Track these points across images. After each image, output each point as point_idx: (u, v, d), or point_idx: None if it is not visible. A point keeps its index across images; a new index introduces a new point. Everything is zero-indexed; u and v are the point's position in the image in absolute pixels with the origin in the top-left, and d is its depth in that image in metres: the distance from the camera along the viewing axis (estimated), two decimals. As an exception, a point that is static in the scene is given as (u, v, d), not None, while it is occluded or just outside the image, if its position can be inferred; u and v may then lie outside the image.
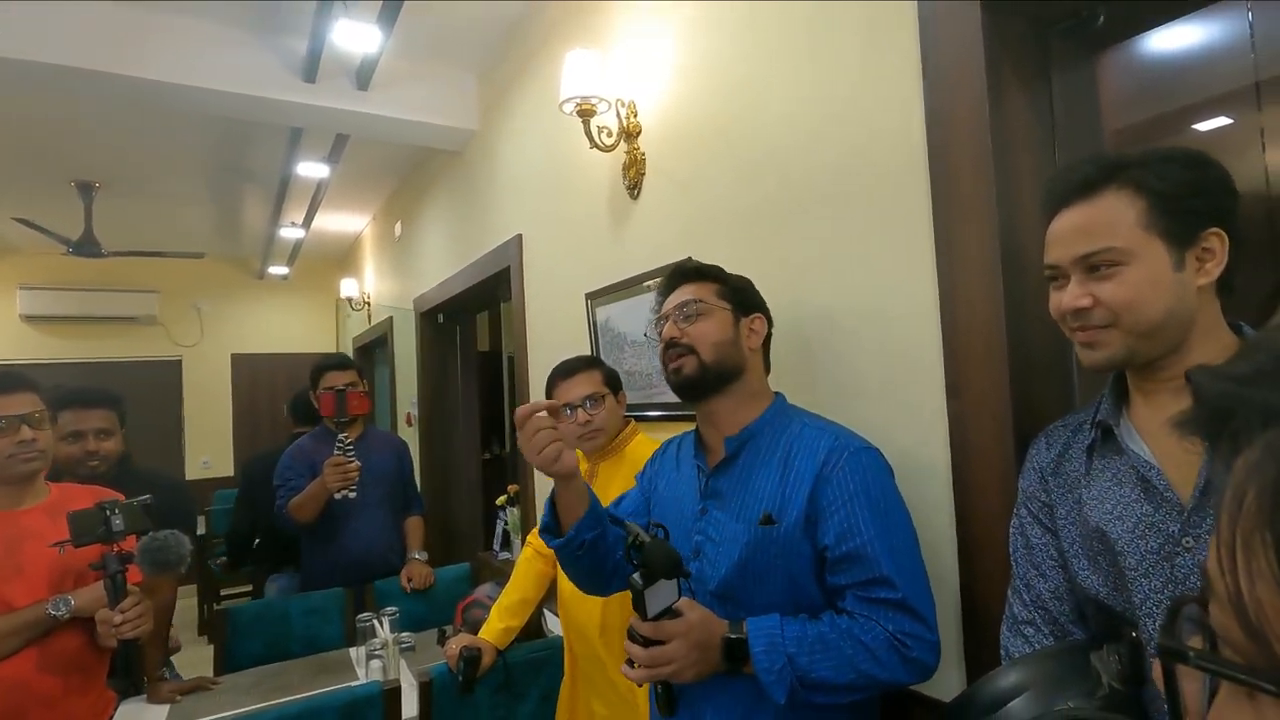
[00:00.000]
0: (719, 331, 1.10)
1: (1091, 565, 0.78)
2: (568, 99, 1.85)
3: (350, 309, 5.71)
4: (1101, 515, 0.77)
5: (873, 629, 0.93)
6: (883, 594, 0.94)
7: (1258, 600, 0.25)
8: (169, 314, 5.97)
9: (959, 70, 1.09)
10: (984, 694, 0.80)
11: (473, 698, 1.72)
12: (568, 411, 1.58)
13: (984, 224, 1.06)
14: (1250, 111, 0.95)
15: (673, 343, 1.11)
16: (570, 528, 1.05)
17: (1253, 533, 0.25)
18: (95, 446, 1.88)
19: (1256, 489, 0.26)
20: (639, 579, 0.89)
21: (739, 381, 1.11)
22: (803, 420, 1.09)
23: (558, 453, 0.99)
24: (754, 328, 1.15)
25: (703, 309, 1.11)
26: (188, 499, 2.30)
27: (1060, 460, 0.85)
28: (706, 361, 1.08)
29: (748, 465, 1.07)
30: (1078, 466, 0.83)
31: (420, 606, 2.48)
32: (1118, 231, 0.73)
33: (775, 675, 0.91)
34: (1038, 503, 0.87)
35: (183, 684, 1.95)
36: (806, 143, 1.38)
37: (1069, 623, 0.83)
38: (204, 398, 6.08)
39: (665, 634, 0.91)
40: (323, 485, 2.26)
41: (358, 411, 2.37)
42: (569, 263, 2.36)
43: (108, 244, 4.33)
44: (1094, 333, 0.75)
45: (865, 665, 0.91)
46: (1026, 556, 0.87)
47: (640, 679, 0.94)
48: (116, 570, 1.39)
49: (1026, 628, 0.85)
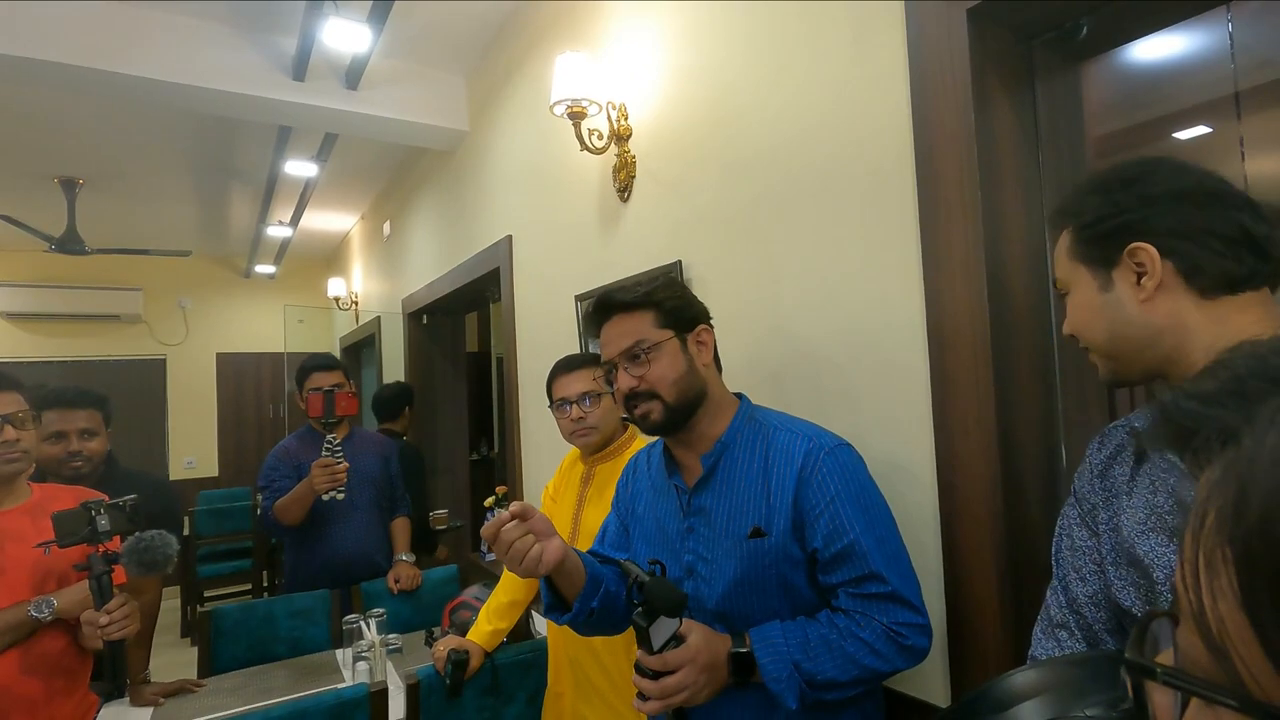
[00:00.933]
0: (673, 367, 1.06)
1: (1128, 576, 0.75)
2: (559, 101, 1.85)
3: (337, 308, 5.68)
4: (1134, 526, 0.74)
5: (870, 624, 0.95)
6: (875, 589, 0.96)
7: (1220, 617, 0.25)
8: (153, 312, 5.91)
9: (945, 78, 1.10)
10: (997, 691, 0.76)
11: (460, 700, 1.71)
12: (564, 407, 1.59)
13: (969, 230, 1.07)
14: (1230, 121, 0.97)
15: (633, 393, 1.07)
16: (575, 601, 1.05)
17: (1214, 550, 0.26)
18: (79, 447, 1.86)
19: (1217, 507, 0.26)
20: (642, 618, 0.90)
21: (704, 403, 1.09)
22: (772, 423, 1.08)
23: (539, 554, 0.97)
24: (701, 340, 1.11)
25: (650, 348, 1.06)
26: (173, 499, 2.28)
27: (1110, 462, 0.81)
28: (671, 403, 1.06)
29: (727, 478, 1.07)
30: (1124, 471, 0.78)
31: (407, 608, 2.47)
32: (1060, 265, 0.79)
33: (784, 683, 0.93)
34: (1087, 504, 0.82)
35: (166, 686, 1.93)
36: (795, 147, 1.39)
37: (1104, 631, 0.78)
38: (188, 397, 6.02)
39: (673, 664, 0.92)
40: (310, 486, 2.24)
41: (346, 413, 2.35)
42: (559, 264, 2.36)
43: (91, 241, 4.28)
44: (1090, 354, 0.79)
45: (867, 660, 0.94)
46: (1069, 558, 0.83)
47: (655, 711, 0.93)
48: (102, 571, 1.38)
49: (1060, 631, 0.82)
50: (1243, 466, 0.25)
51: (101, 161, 3.86)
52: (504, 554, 0.96)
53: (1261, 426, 0.26)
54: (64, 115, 3.24)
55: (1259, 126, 0.94)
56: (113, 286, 5.66)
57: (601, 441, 1.62)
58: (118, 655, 1.40)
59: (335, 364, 2.52)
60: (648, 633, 0.89)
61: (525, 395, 2.68)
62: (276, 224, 4.86)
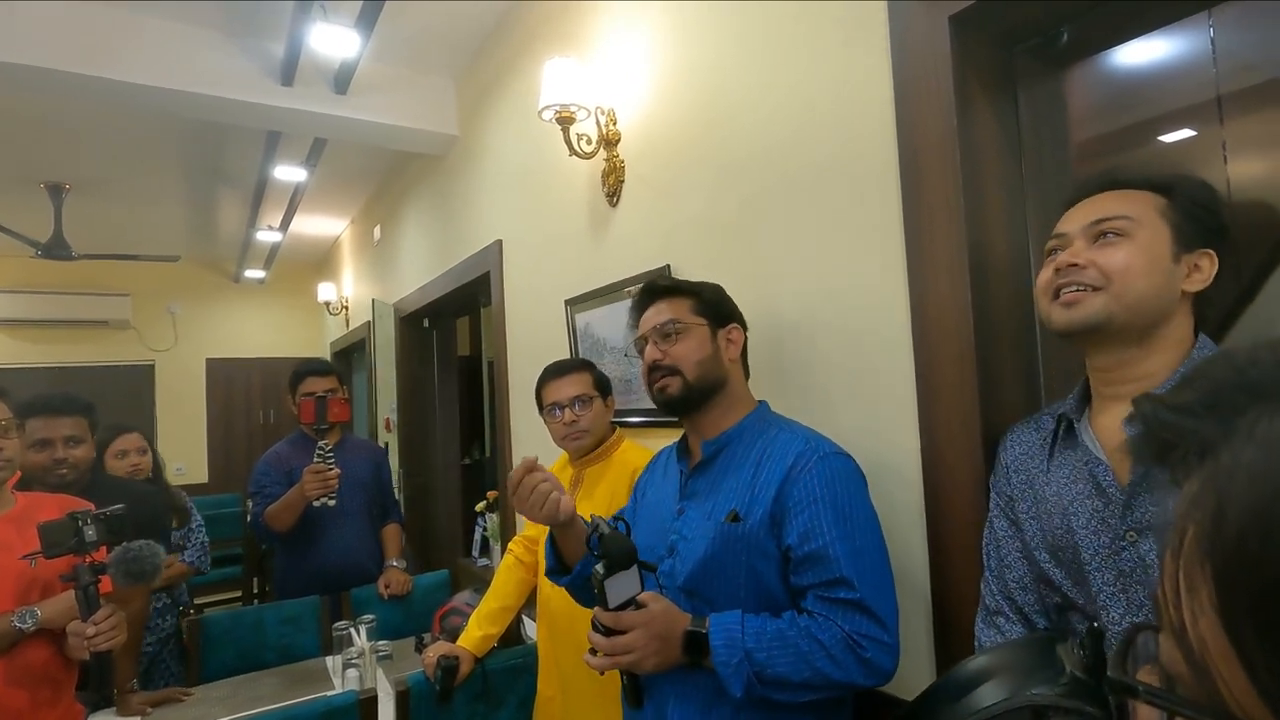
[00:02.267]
0: (699, 350, 1.13)
1: (1053, 558, 0.81)
2: (547, 106, 1.85)
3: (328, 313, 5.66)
4: (1061, 509, 0.80)
5: (829, 628, 0.95)
6: (842, 594, 0.96)
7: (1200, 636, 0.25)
8: (142, 318, 5.87)
9: (928, 83, 1.11)
10: (951, 682, 0.82)
11: (450, 706, 1.71)
12: (556, 411, 1.58)
13: (953, 232, 1.08)
14: (1212, 124, 0.98)
15: (656, 365, 1.14)
16: (576, 564, 1.13)
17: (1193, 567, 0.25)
18: (64, 454, 1.84)
19: (1196, 524, 0.26)
20: (600, 569, 0.93)
21: (722, 393, 1.14)
22: (779, 426, 1.12)
23: (556, 502, 1.05)
24: (731, 338, 1.17)
25: (681, 328, 1.13)
26: (161, 507, 2.26)
27: (1023, 457, 0.89)
28: (690, 381, 1.12)
29: (723, 468, 1.11)
30: (1038, 463, 0.86)
31: (398, 615, 2.46)
32: (1136, 208, 0.79)
33: (732, 669, 0.93)
34: (1004, 496, 0.90)
35: (153, 695, 1.91)
36: (783, 151, 1.40)
37: (1034, 613, 0.86)
38: (178, 403, 5.98)
39: (625, 624, 0.95)
40: (301, 493, 2.23)
41: (338, 419, 2.34)
42: (549, 268, 2.36)
43: (78, 246, 4.25)
44: (1079, 293, 0.78)
45: (820, 663, 0.93)
46: (994, 549, 0.91)
47: (600, 666, 0.97)
48: (89, 582, 1.36)
49: (998, 618, 0.89)
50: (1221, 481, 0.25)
51: (89, 166, 3.83)
52: (526, 499, 1.04)
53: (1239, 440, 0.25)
54: (51, 120, 3.21)
55: (1241, 130, 0.95)
56: (101, 292, 5.62)
57: (593, 444, 1.62)
58: (105, 666, 1.38)
59: (329, 369, 2.51)
60: (604, 586, 0.92)
61: (516, 399, 2.67)
62: (266, 229, 4.84)
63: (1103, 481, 0.76)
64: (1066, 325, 0.80)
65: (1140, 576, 0.72)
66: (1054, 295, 0.81)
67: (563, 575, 1.18)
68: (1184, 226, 0.77)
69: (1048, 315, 0.83)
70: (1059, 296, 0.80)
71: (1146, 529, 0.71)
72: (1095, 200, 0.82)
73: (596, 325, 2.06)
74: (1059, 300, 0.80)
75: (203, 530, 2.61)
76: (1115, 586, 0.73)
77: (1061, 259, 0.80)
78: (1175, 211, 0.78)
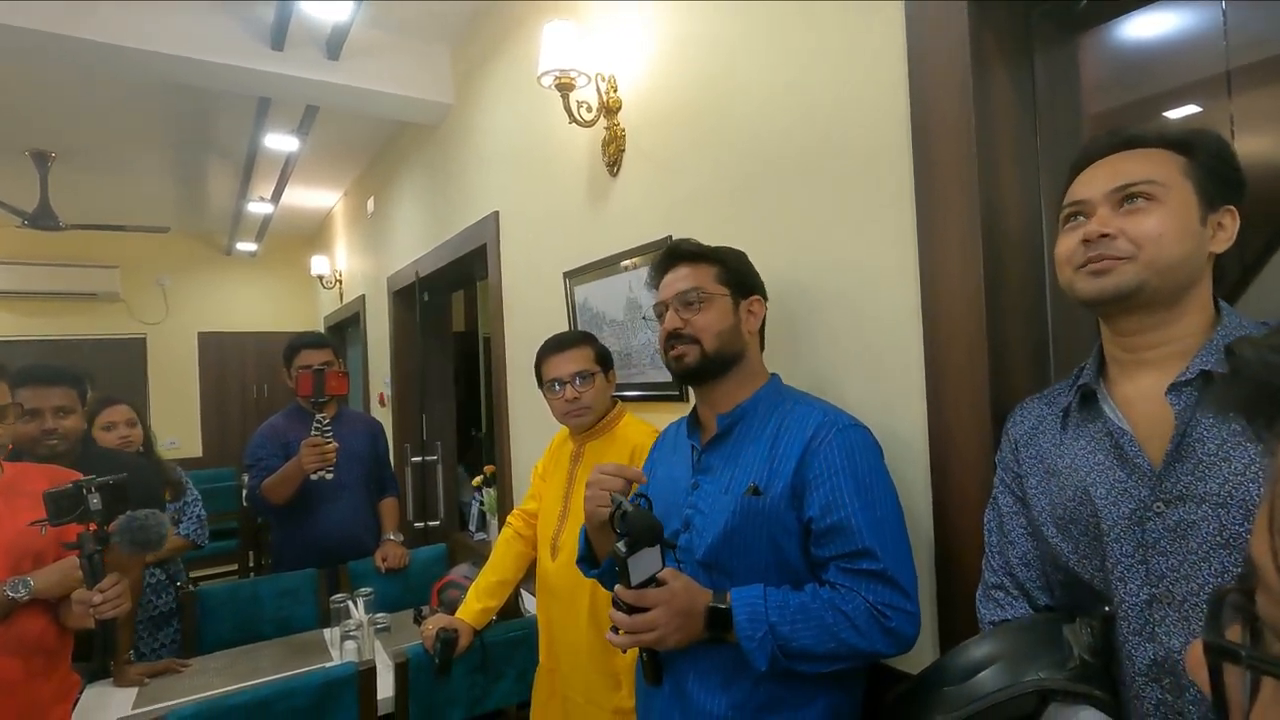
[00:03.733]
0: (721, 320, 1.11)
1: (1062, 533, 0.80)
2: (546, 71, 1.80)
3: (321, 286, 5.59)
4: (1076, 481, 0.79)
5: (853, 599, 0.95)
6: (865, 565, 0.96)
7: None
8: (132, 290, 5.79)
9: (943, 49, 1.08)
10: (956, 663, 0.82)
11: (449, 678, 1.71)
12: (556, 388, 1.56)
13: (966, 204, 1.06)
14: (1221, 99, 0.96)
15: (676, 333, 1.12)
16: (606, 557, 1.13)
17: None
18: (54, 425, 1.81)
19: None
20: (622, 547, 0.91)
21: (738, 365, 1.13)
22: (795, 398, 1.11)
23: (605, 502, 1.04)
24: (752, 309, 1.15)
25: (704, 297, 1.11)
26: (153, 480, 2.24)
27: (1033, 432, 0.87)
28: (709, 352, 1.10)
29: (739, 441, 1.10)
30: (1051, 437, 0.85)
31: (395, 587, 2.46)
32: (1160, 170, 0.76)
33: (757, 643, 0.92)
34: (1010, 473, 0.89)
35: (151, 666, 1.91)
36: (790, 120, 1.36)
37: (1035, 589, 0.85)
38: (170, 377, 5.92)
39: (648, 601, 0.93)
40: (299, 466, 2.22)
41: (336, 391, 2.32)
42: (547, 241, 2.32)
43: (65, 217, 4.17)
44: (1110, 262, 0.75)
45: (845, 634, 0.93)
46: (997, 524, 0.90)
47: (624, 644, 0.96)
48: (94, 550, 1.36)
49: (997, 592, 0.88)
50: None
51: (75, 134, 3.74)
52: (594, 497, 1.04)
53: None
54: (34, 86, 3.12)
55: (1249, 105, 0.94)
56: (89, 264, 5.53)
57: (594, 420, 1.60)
58: (109, 634, 1.38)
59: (325, 342, 2.49)
60: (627, 563, 0.92)
61: (514, 373, 2.65)
62: (257, 200, 4.76)
63: (1128, 451, 0.74)
64: (1097, 294, 0.76)
65: (1165, 547, 0.70)
66: (1080, 265, 0.78)
67: (592, 567, 1.18)
68: (1207, 185, 0.75)
69: (1070, 284, 0.80)
70: (1085, 266, 0.77)
71: (1180, 499, 0.70)
72: (1112, 162, 0.79)
73: (596, 299, 2.03)
74: (1085, 269, 0.77)
75: (199, 504, 2.60)
76: (1134, 558, 0.72)
77: (1090, 229, 0.76)
78: (1197, 170, 0.75)
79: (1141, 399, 0.76)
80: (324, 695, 1.52)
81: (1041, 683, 0.74)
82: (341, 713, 1.55)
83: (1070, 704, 0.73)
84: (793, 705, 1.01)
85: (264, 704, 1.45)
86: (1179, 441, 0.70)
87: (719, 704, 1.03)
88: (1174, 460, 0.70)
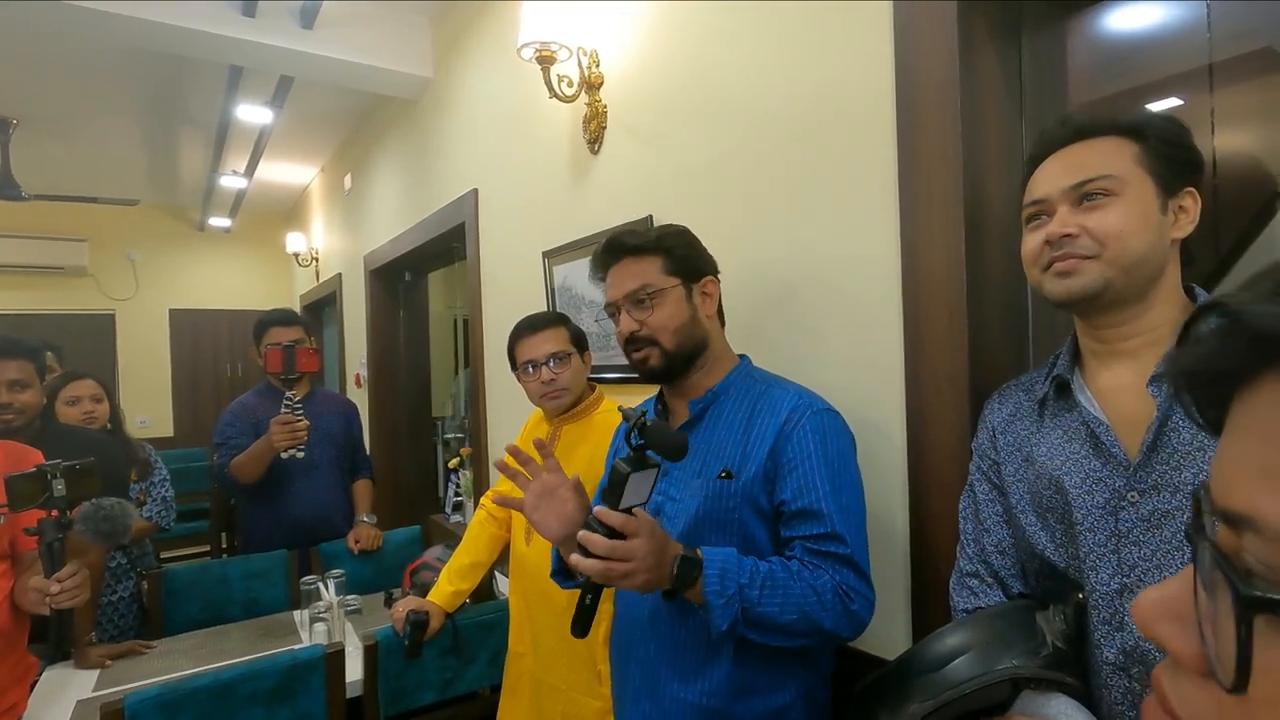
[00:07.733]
0: (676, 315, 1.07)
1: (1040, 521, 0.79)
2: (527, 44, 1.75)
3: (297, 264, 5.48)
4: (1051, 470, 0.78)
5: (820, 575, 0.94)
6: (833, 548, 0.95)
7: None
8: (100, 264, 5.63)
9: (930, 25, 1.06)
10: (929, 651, 0.81)
11: (420, 661, 1.69)
12: (530, 370, 1.53)
13: (948, 184, 1.04)
14: (1202, 93, 0.96)
15: (633, 336, 1.08)
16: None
17: None
18: (9, 399, 1.74)
19: None
20: (625, 464, 0.84)
21: (704, 354, 1.10)
22: (768, 381, 1.09)
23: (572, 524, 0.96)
24: (707, 291, 1.12)
25: (654, 293, 1.07)
26: (118, 458, 2.17)
27: (1011, 419, 0.87)
28: (670, 349, 1.07)
29: (711, 425, 1.08)
30: (1028, 425, 0.84)
31: (368, 569, 2.43)
32: (1114, 164, 0.74)
33: (724, 601, 0.89)
34: (987, 460, 0.89)
35: (113, 648, 1.86)
36: (772, 98, 1.34)
37: (1010, 577, 0.85)
38: (140, 354, 5.78)
39: (632, 529, 0.85)
40: (268, 444, 2.16)
41: (307, 369, 2.26)
42: (526, 219, 2.28)
43: (29, 187, 4.03)
44: (1075, 261, 0.75)
45: (810, 608, 0.92)
46: (973, 511, 0.90)
47: (594, 571, 0.85)
48: (54, 538, 1.31)
49: (971, 580, 0.88)
50: None
51: (38, 101, 3.60)
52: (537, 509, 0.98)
53: None
54: (-8, 47, 3.00)
55: (1229, 100, 0.94)
56: (55, 236, 5.36)
57: (572, 402, 1.57)
58: (64, 622, 1.34)
59: (295, 319, 2.42)
60: (627, 481, 0.84)
61: (490, 354, 2.61)
62: (230, 174, 4.64)
63: (1105, 441, 0.74)
64: (1065, 295, 0.76)
65: (1137, 537, 0.70)
66: (1045, 266, 0.77)
67: (569, 579, 1.10)
68: (1162, 171, 0.74)
69: (1039, 285, 0.80)
70: (1050, 267, 0.77)
71: (1154, 489, 0.69)
72: (1066, 155, 0.77)
73: (576, 280, 1.99)
74: (1051, 270, 0.77)
75: (167, 484, 2.52)
76: (1106, 547, 0.72)
77: (1052, 230, 0.76)
78: (1151, 157, 0.74)
79: (1119, 390, 0.76)
80: (290, 678, 1.49)
81: (1015, 671, 0.73)
82: (308, 696, 1.52)
83: (1043, 692, 0.73)
84: (764, 692, 1.00)
85: (228, 687, 1.42)
86: (1157, 431, 0.70)
87: (691, 691, 1.02)
88: (1151, 450, 0.70)
